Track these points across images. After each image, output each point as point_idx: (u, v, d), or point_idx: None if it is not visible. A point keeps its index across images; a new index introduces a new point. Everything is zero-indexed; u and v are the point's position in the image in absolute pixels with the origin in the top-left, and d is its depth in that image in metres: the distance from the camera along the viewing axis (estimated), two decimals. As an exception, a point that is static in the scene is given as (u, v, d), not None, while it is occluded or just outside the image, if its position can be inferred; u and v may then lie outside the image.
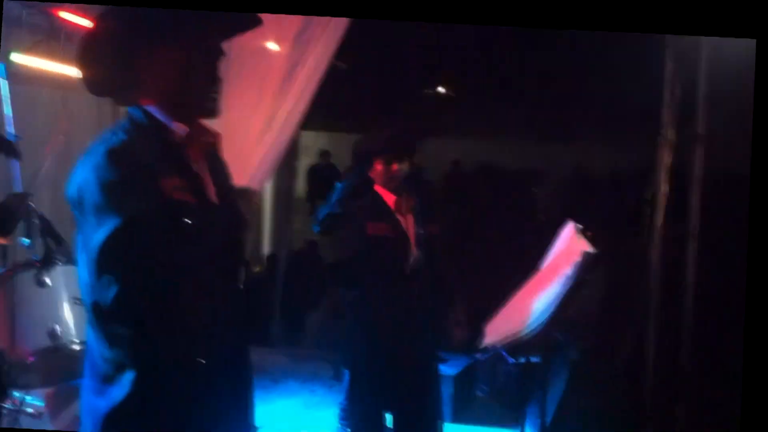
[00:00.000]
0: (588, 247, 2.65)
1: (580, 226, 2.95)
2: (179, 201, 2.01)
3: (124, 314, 1.92)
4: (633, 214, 5.20)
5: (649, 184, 4.99)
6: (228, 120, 2.27)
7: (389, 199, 3.69)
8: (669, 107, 4.92)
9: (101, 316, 1.98)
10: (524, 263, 3.38)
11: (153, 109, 2.11)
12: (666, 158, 4.90)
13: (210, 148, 2.20)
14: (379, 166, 3.69)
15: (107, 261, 1.89)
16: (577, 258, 2.66)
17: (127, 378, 1.99)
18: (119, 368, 2.00)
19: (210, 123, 2.21)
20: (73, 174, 2.02)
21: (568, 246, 2.83)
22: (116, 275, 1.88)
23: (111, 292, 1.88)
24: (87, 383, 2.10)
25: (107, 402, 2.01)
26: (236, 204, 2.18)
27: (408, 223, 3.70)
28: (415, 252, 3.66)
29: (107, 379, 2.02)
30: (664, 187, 4.92)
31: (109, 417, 2.01)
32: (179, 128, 2.11)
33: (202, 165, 2.17)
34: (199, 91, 2.13)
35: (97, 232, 1.89)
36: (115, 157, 1.95)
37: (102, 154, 1.96)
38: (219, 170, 2.25)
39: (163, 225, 1.95)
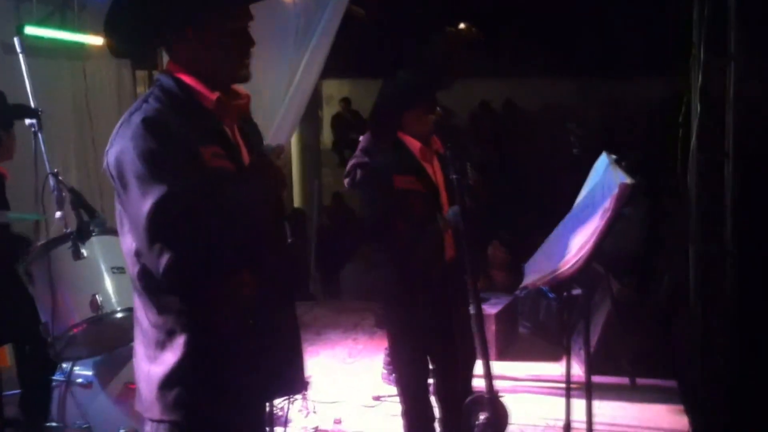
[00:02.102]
0: (625, 178, 2.58)
1: (615, 157, 2.88)
2: (217, 168, 2.01)
3: (177, 280, 1.93)
4: (668, 140, 5.09)
5: (683, 107, 4.87)
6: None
7: (414, 147, 3.59)
8: (698, 27, 4.77)
9: (151, 283, 2.00)
10: (560, 199, 3.33)
11: (185, 77, 2.09)
12: (699, 80, 4.76)
13: (242, 110, 2.19)
14: (416, 113, 3.57)
15: (158, 229, 1.89)
16: (614, 190, 2.59)
17: (179, 342, 2.01)
18: (170, 333, 2.03)
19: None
20: (110, 146, 2.01)
21: (604, 179, 2.77)
22: (168, 242, 1.88)
23: (163, 260, 1.88)
24: (139, 351, 2.13)
25: (162, 367, 2.04)
26: (271, 163, 2.13)
27: (437, 171, 3.63)
28: (445, 198, 3.59)
29: (159, 345, 2.05)
30: (698, 110, 4.80)
31: (165, 381, 2.04)
32: (212, 95, 2.09)
33: (235, 128, 2.17)
34: (233, 59, 2.11)
35: (144, 201, 1.89)
36: (151, 125, 1.94)
37: (138, 123, 1.95)
38: (250, 131, 2.25)
39: (205, 191, 1.93)
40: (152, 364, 2.06)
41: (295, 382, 2.27)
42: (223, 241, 1.93)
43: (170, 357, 2.02)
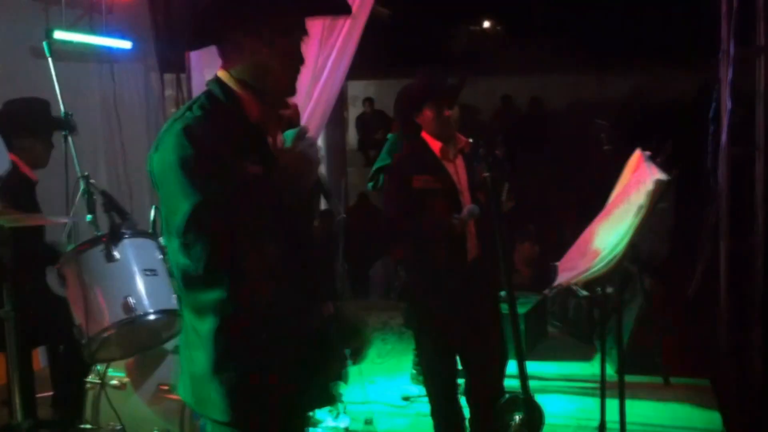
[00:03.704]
0: (660, 175, 2.55)
1: (649, 153, 2.84)
2: (254, 174, 2.05)
3: (216, 278, 2.00)
4: (698, 135, 5.03)
5: (712, 101, 4.81)
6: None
7: (435, 147, 3.58)
8: (727, 20, 4.71)
9: (193, 284, 2.06)
10: (591, 196, 3.29)
11: (234, 86, 2.12)
12: (728, 73, 4.71)
13: (287, 120, 2.21)
14: (428, 114, 3.57)
15: (192, 234, 1.95)
16: (649, 187, 2.56)
17: (228, 342, 2.06)
18: (217, 333, 2.06)
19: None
20: (154, 150, 2.07)
21: (639, 175, 2.73)
22: (202, 245, 1.94)
23: (200, 265, 1.96)
24: (189, 350, 2.15)
25: (214, 367, 2.07)
26: (298, 153, 2.10)
27: (459, 169, 3.61)
28: (467, 198, 3.57)
29: (207, 346, 2.07)
30: (727, 104, 4.74)
31: (224, 383, 2.06)
32: (257, 108, 2.12)
33: (278, 138, 2.18)
34: (283, 76, 2.12)
35: (181, 208, 1.95)
36: (190, 134, 1.99)
37: (178, 132, 2.00)
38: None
39: (241, 195, 1.98)
40: (203, 364, 2.08)
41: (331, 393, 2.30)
42: (255, 238, 1.98)
43: (201, 355, 2.07)
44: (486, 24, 12.68)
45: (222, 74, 2.14)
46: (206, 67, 5.20)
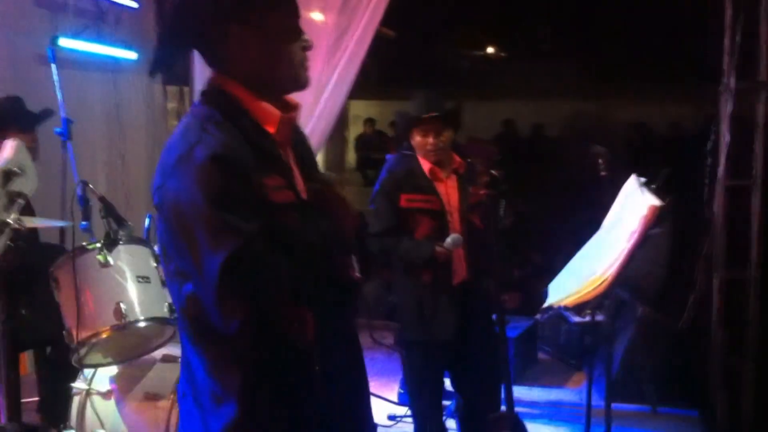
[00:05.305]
0: (655, 201, 2.57)
1: (644, 180, 2.86)
2: (281, 203, 1.76)
3: (247, 339, 1.72)
4: (695, 166, 5.05)
5: (711, 134, 4.84)
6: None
7: (425, 167, 3.60)
8: (729, 55, 4.75)
9: (207, 333, 1.78)
10: (586, 222, 3.31)
11: (239, 92, 1.80)
12: (728, 107, 4.74)
13: (294, 123, 1.90)
14: (416, 138, 3.61)
15: (232, 285, 1.65)
16: (643, 212, 2.57)
17: (237, 394, 1.78)
18: (227, 384, 1.80)
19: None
20: (163, 180, 1.74)
21: (633, 201, 2.75)
22: (240, 301, 1.67)
23: (235, 321, 1.67)
24: (189, 395, 1.89)
25: (220, 420, 1.80)
26: (336, 194, 1.90)
27: (450, 189, 3.62)
28: (456, 220, 3.58)
29: (215, 397, 1.81)
30: (726, 137, 4.77)
31: None
32: (274, 114, 1.81)
33: (288, 149, 1.88)
34: (290, 62, 1.81)
35: (216, 253, 1.64)
36: (221, 164, 1.66)
37: (205, 161, 1.66)
38: (299, 142, 1.95)
39: (272, 231, 1.70)
40: (207, 414, 1.83)
41: None
42: (288, 287, 1.71)
43: (228, 410, 1.78)
44: (490, 49, 12.79)
45: (220, 80, 1.81)
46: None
